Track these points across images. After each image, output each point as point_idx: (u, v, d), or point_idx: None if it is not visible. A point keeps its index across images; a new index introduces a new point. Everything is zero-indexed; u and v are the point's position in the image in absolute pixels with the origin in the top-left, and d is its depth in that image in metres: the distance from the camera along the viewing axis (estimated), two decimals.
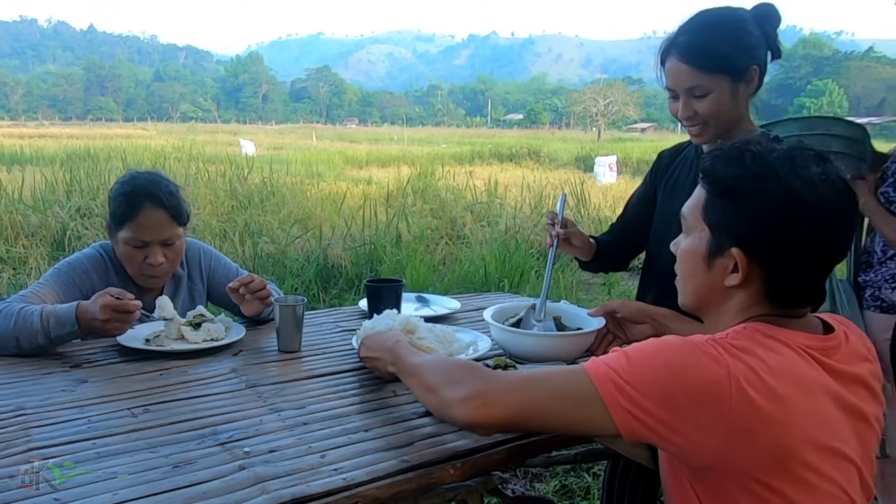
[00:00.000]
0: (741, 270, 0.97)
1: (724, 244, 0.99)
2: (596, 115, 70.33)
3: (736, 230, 0.97)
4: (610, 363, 0.94)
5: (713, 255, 1.00)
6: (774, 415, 0.86)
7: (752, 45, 1.56)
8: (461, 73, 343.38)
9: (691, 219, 1.05)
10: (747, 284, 0.98)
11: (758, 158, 0.95)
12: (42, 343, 1.56)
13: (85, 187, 7.76)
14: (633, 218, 1.91)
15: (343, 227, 6.67)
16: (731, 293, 1.00)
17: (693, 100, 1.56)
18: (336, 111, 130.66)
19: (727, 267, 0.99)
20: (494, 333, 1.58)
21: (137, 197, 1.79)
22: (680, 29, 1.58)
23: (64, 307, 1.59)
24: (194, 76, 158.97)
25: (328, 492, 0.98)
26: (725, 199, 0.98)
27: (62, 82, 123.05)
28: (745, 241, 0.96)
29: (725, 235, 0.98)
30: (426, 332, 1.49)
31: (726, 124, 1.59)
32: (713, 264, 1.00)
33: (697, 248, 1.03)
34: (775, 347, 0.92)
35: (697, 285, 1.05)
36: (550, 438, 1.21)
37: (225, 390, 1.39)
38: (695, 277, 1.05)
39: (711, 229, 1.00)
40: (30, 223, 6.29)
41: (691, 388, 0.88)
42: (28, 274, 5.05)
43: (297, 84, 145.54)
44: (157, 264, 1.80)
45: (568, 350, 1.52)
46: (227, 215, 7.25)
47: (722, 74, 1.53)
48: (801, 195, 0.92)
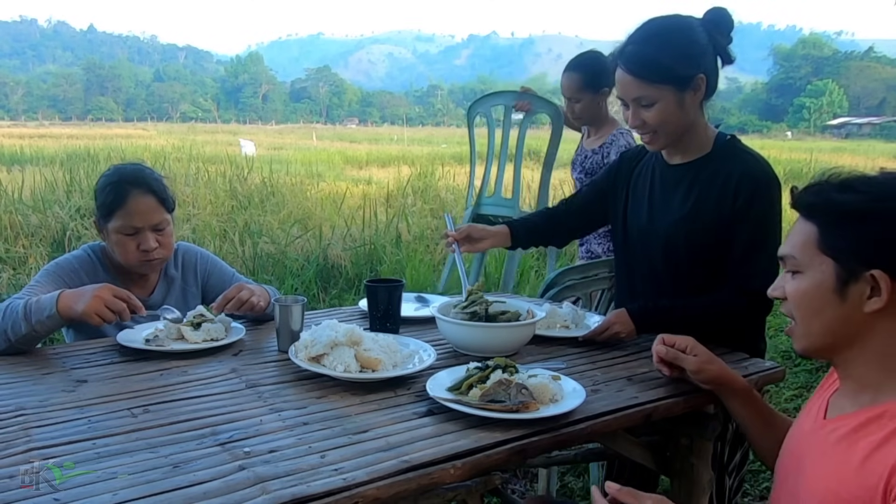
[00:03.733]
0: (885, 292, 0.94)
1: (857, 269, 0.96)
2: None
3: (867, 253, 0.95)
4: None
5: (844, 285, 0.97)
6: None
7: (697, 53, 1.60)
8: (461, 73, 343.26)
9: (803, 256, 1.02)
10: (892, 305, 0.95)
11: (867, 183, 0.97)
12: (25, 331, 1.55)
13: (85, 187, 7.75)
14: (581, 206, 2.00)
15: (343, 227, 6.67)
16: (872, 321, 0.97)
17: (640, 109, 1.62)
18: (336, 111, 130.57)
19: (863, 293, 0.96)
20: (441, 327, 1.65)
21: (124, 185, 1.82)
22: (628, 39, 1.63)
23: (48, 294, 1.60)
24: (194, 76, 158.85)
25: (328, 492, 0.98)
26: (847, 224, 0.97)
27: (62, 82, 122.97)
28: (881, 261, 0.94)
29: (856, 260, 0.96)
30: (371, 343, 1.49)
31: (676, 131, 1.65)
32: (846, 294, 0.98)
33: (822, 282, 1.00)
34: None
35: (829, 321, 1.00)
36: (550, 438, 1.21)
37: (225, 390, 1.39)
38: (824, 314, 1.00)
39: (837, 259, 0.98)
40: (30, 223, 6.28)
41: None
42: (28, 274, 5.04)
43: (297, 84, 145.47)
44: (151, 249, 1.81)
45: (511, 341, 1.61)
46: (227, 215, 7.24)
47: (665, 84, 1.58)
48: None
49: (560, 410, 1.25)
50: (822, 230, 1.00)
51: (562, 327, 1.81)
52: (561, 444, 1.25)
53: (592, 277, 2.58)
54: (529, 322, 1.65)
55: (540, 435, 1.20)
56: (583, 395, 1.31)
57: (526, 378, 1.31)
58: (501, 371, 1.33)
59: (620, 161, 1.92)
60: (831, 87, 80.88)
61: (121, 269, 1.88)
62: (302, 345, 1.50)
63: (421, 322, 1.92)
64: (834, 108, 79.70)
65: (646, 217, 1.78)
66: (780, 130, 67.74)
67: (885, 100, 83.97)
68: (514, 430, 1.19)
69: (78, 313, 1.55)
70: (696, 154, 1.70)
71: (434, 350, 1.57)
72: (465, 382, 1.31)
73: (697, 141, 1.70)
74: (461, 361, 1.51)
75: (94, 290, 1.57)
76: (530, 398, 1.25)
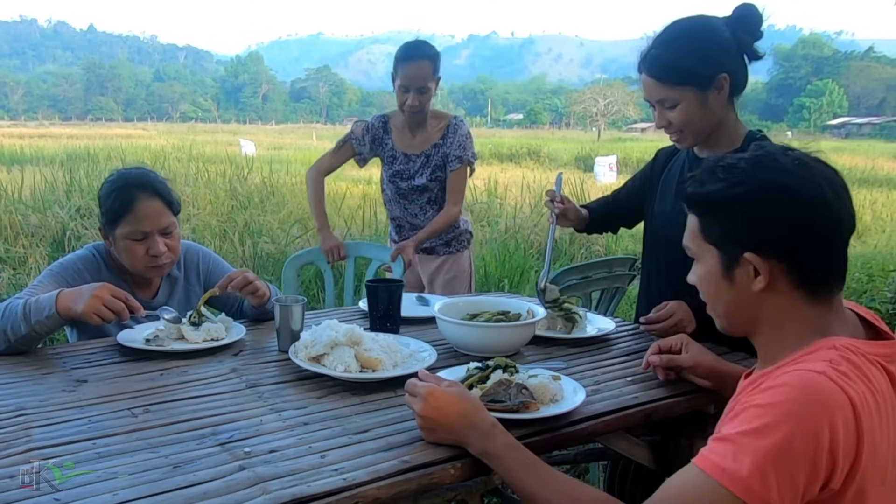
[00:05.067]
0: (762, 271, 0.97)
1: (734, 254, 1.00)
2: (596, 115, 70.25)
3: (739, 237, 0.99)
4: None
5: (729, 269, 1.01)
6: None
7: (719, 53, 1.63)
8: (461, 73, 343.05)
9: (695, 246, 1.06)
10: (775, 282, 0.98)
11: (729, 169, 1.00)
12: (24, 331, 1.55)
13: (85, 187, 7.75)
14: (625, 201, 2.09)
15: (343, 227, 6.67)
16: (764, 299, 1.00)
17: (665, 110, 1.68)
18: (336, 111, 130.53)
19: (749, 274, 0.99)
20: (441, 327, 1.65)
21: (131, 189, 1.80)
22: (652, 42, 1.68)
23: (47, 294, 1.60)
24: (194, 76, 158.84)
25: (328, 492, 0.98)
26: (716, 213, 1.02)
27: (62, 82, 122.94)
28: (752, 242, 0.98)
29: (732, 246, 1.00)
30: (371, 343, 1.49)
31: (703, 129, 1.69)
32: (734, 278, 1.01)
33: (712, 268, 1.04)
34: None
35: (728, 304, 1.04)
36: (550, 438, 1.21)
37: (225, 390, 1.39)
38: (721, 297, 1.05)
39: (717, 246, 1.02)
40: (29, 223, 6.28)
41: None
42: (28, 274, 5.04)
43: (297, 84, 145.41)
44: (160, 253, 1.81)
45: (511, 341, 1.62)
46: (227, 215, 7.24)
47: (687, 86, 1.63)
48: (779, 183, 0.96)
49: (560, 410, 1.25)
50: (700, 220, 1.04)
51: (562, 328, 1.81)
52: (561, 444, 1.25)
53: (592, 277, 2.59)
54: (529, 322, 1.65)
55: (540, 435, 1.20)
56: (583, 395, 1.31)
57: (526, 378, 1.31)
58: (502, 371, 1.33)
59: (657, 156, 1.98)
60: (831, 87, 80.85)
61: (125, 270, 1.87)
62: (302, 345, 1.50)
63: (421, 322, 1.92)
64: (834, 108, 79.68)
65: (670, 208, 1.81)
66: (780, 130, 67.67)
67: (885, 100, 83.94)
68: (515, 430, 1.18)
69: (77, 313, 1.55)
70: (726, 149, 1.71)
71: (434, 350, 1.57)
72: (465, 382, 1.31)
73: (727, 137, 1.73)
74: (461, 361, 1.51)
75: (92, 290, 1.57)
76: (530, 398, 1.25)
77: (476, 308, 1.77)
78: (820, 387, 0.86)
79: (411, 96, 2.68)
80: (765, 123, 74.11)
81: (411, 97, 2.68)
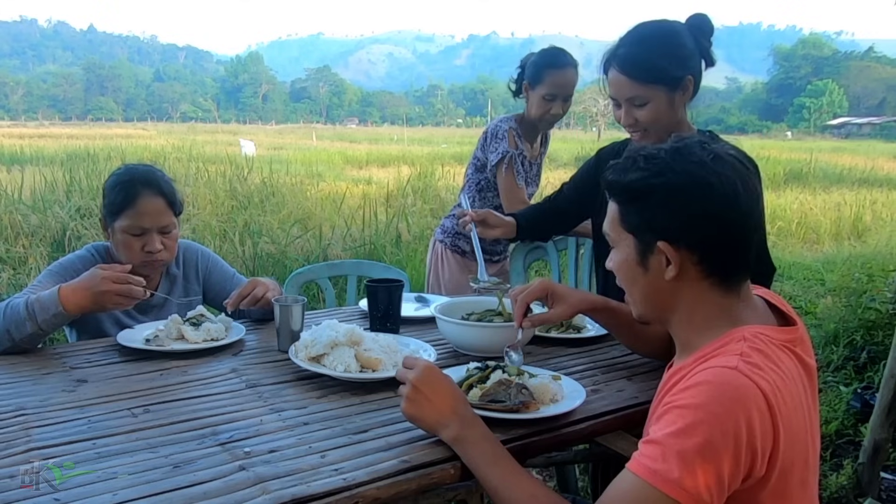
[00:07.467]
0: (673, 260, 1.01)
1: (649, 243, 1.03)
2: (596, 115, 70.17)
3: (654, 226, 1.02)
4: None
5: (644, 257, 1.05)
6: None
7: (687, 55, 1.68)
8: (461, 73, 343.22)
9: (613, 233, 1.09)
10: (686, 271, 1.02)
11: (650, 159, 1.02)
12: (31, 330, 1.56)
13: (85, 187, 7.74)
14: (565, 203, 2.10)
15: (343, 227, 6.66)
16: (676, 287, 1.03)
17: (633, 108, 1.70)
18: (336, 111, 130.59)
19: (661, 262, 1.03)
20: (441, 327, 1.65)
21: (135, 185, 1.81)
22: (620, 41, 1.70)
23: (46, 292, 1.60)
24: (194, 76, 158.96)
25: (328, 492, 0.98)
26: (634, 202, 1.04)
27: (62, 82, 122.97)
28: (666, 232, 1.01)
29: (647, 234, 1.03)
30: (371, 343, 1.49)
31: (665, 130, 1.69)
32: (648, 265, 1.05)
33: (628, 256, 1.07)
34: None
35: (642, 290, 1.08)
36: (550, 438, 1.21)
37: (225, 390, 1.39)
38: (637, 284, 1.08)
39: (634, 234, 1.05)
40: (29, 223, 6.28)
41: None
42: (28, 274, 5.04)
43: (297, 84, 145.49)
44: (156, 251, 1.82)
45: (511, 341, 1.57)
46: (227, 215, 7.23)
47: (658, 85, 1.66)
48: (696, 176, 0.98)
49: (560, 410, 1.25)
50: (620, 208, 1.07)
51: (562, 328, 1.81)
52: (561, 444, 1.25)
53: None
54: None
55: (540, 435, 1.20)
56: (583, 395, 1.31)
57: (526, 378, 1.31)
58: (502, 371, 1.33)
59: (598, 158, 1.99)
60: (831, 87, 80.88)
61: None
62: (302, 345, 1.50)
63: (421, 322, 1.92)
64: (834, 107, 79.72)
65: None
66: (780, 130, 67.77)
67: (885, 100, 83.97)
68: (515, 430, 1.19)
69: (95, 307, 1.58)
70: None
71: (434, 350, 1.57)
72: (465, 382, 1.31)
73: None
74: (461, 361, 1.51)
75: (95, 283, 1.56)
76: (530, 398, 1.25)
77: (476, 308, 1.77)
78: (733, 383, 0.90)
79: (557, 104, 2.54)
80: (765, 123, 74.20)
81: (556, 105, 2.54)
